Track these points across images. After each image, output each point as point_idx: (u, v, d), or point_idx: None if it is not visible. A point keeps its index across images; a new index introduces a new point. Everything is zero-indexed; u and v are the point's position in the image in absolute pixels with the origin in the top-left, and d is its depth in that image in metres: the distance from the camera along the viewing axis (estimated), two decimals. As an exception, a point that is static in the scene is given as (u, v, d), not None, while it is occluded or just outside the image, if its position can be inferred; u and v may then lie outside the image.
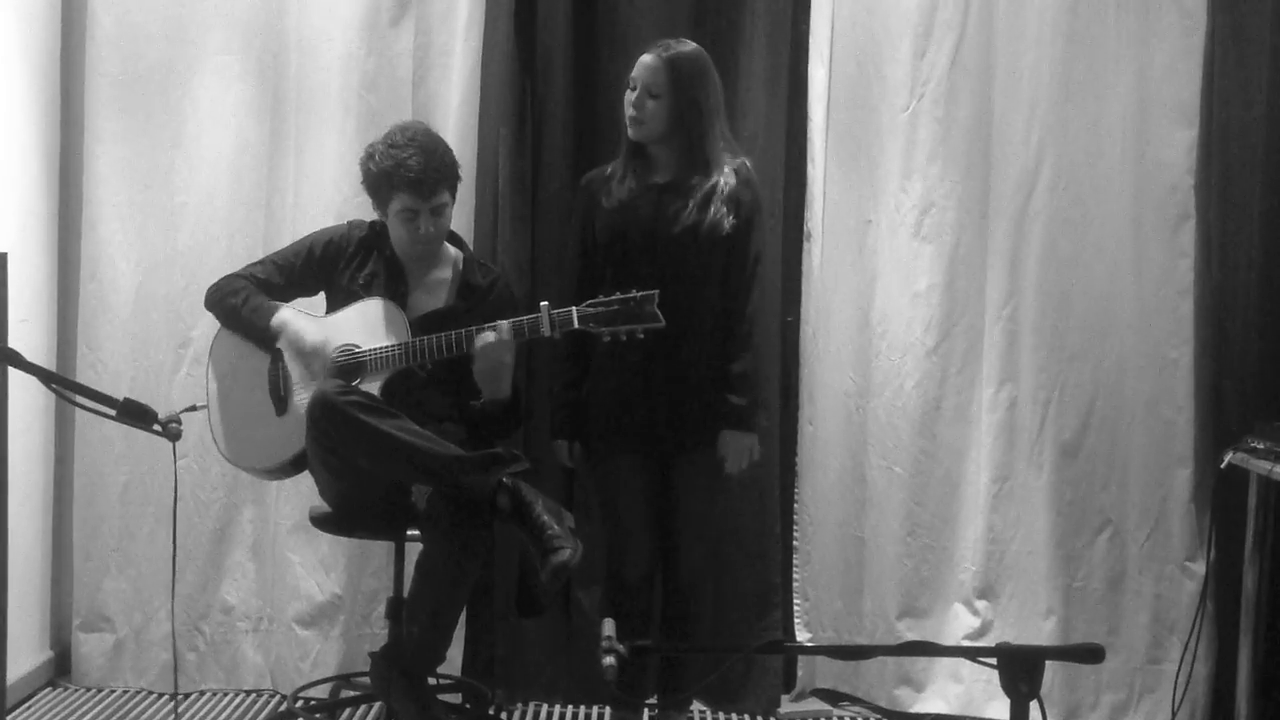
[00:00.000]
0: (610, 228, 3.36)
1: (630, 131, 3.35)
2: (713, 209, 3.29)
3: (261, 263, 3.47)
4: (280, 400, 3.32)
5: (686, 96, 3.29)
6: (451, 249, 3.48)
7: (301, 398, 3.26)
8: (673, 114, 3.30)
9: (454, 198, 3.37)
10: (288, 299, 3.43)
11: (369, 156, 3.32)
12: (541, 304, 3.16)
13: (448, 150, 3.35)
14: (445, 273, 3.44)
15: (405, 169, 3.22)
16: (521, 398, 3.38)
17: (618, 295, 3.09)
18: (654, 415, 3.34)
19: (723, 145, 3.37)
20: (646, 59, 3.31)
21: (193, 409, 3.24)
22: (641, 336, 3.09)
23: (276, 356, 3.34)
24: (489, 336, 3.14)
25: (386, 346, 3.23)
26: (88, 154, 3.95)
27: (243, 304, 3.36)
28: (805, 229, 3.92)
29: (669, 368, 3.31)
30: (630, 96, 3.33)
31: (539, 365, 3.82)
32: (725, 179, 3.33)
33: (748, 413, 3.35)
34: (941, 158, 3.85)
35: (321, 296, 3.48)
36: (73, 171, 4.01)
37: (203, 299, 3.50)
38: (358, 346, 3.27)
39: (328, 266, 3.42)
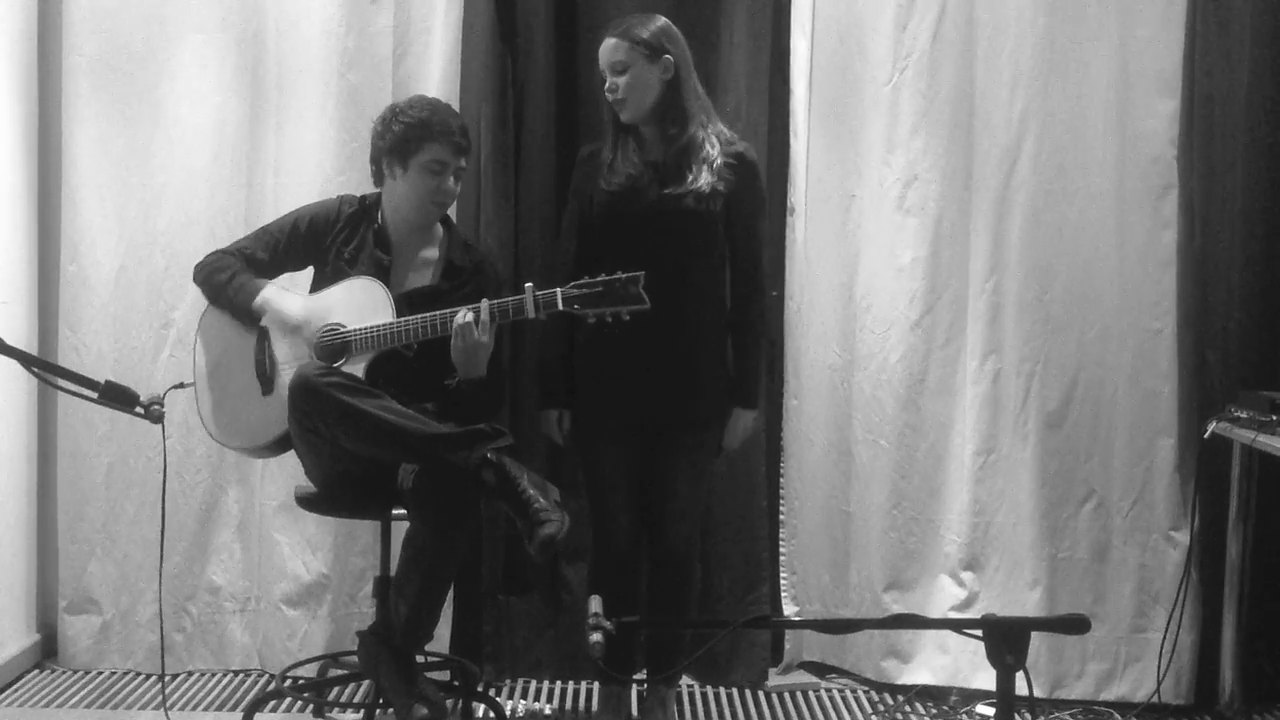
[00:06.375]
0: (610, 207, 3.34)
1: (621, 115, 3.34)
2: (695, 169, 3.28)
3: (248, 238, 3.46)
4: (266, 380, 3.31)
5: (650, 53, 3.28)
6: (439, 227, 3.47)
7: (287, 377, 3.25)
8: (645, 80, 3.28)
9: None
10: (274, 275, 3.42)
11: (391, 118, 3.34)
12: (526, 285, 3.15)
13: None
14: (432, 251, 3.43)
15: (442, 122, 3.30)
16: (504, 378, 3.36)
17: (603, 276, 3.08)
18: (646, 393, 3.33)
19: (700, 107, 3.35)
20: (603, 44, 3.33)
21: (180, 386, 3.25)
22: (627, 319, 3.08)
23: (263, 335, 3.33)
24: (467, 316, 3.13)
25: (372, 327, 3.22)
26: (66, 136, 3.93)
27: (229, 281, 3.36)
28: (788, 204, 3.92)
29: (663, 346, 3.30)
30: (606, 84, 3.33)
31: (527, 339, 3.81)
32: (710, 145, 3.31)
33: (755, 393, 3.45)
34: (924, 130, 3.85)
35: (307, 274, 3.46)
36: (51, 154, 3.98)
37: (187, 278, 3.50)
38: (343, 326, 3.25)
39: (314, 241, 3.41)
